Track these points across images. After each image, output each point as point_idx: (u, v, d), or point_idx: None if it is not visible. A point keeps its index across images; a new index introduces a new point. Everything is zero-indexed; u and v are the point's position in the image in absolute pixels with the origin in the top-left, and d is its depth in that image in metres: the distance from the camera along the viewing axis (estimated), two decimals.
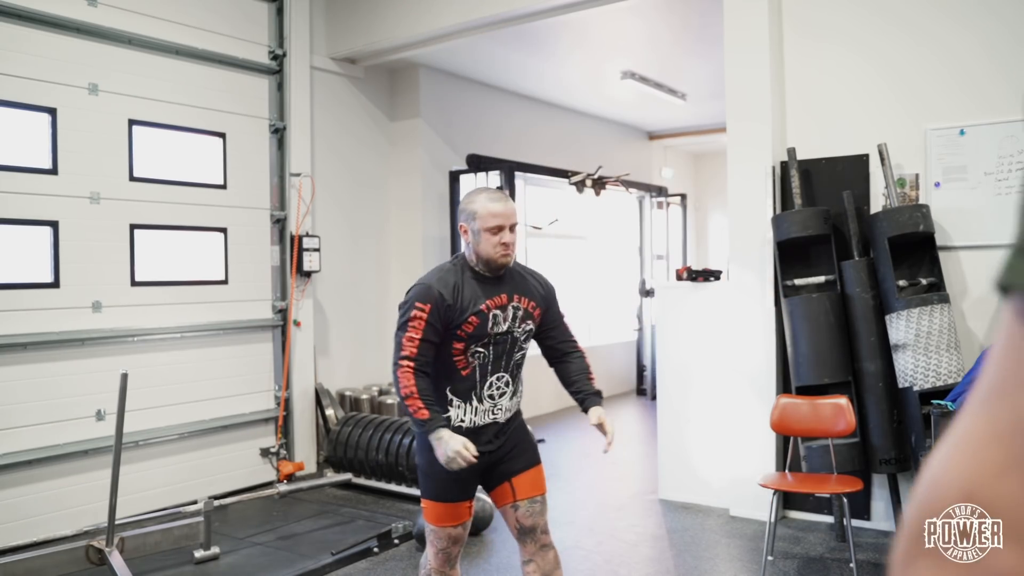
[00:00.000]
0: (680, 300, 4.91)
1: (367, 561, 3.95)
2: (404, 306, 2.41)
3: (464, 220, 2.46)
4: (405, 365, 2.34)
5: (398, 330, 2.39)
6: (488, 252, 2.42)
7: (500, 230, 2.41)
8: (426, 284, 2.40)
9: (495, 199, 2.45)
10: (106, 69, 4.60)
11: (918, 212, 3.89)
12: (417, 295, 2.38)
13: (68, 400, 4.36)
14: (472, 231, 2.44)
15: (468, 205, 2.46)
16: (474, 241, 2.44)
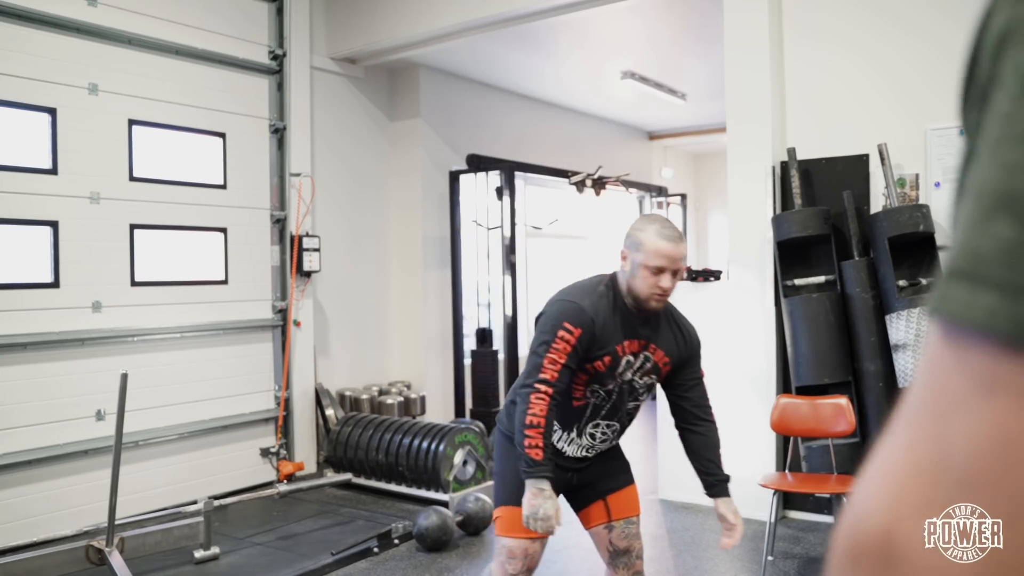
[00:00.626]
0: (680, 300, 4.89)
1: (367, 561, 3.94)
2: (548, 323, 2.16)
3: (627, 246, 2.21)
4: (542, 391, 2.09)
5: (538, 347, 2.14)
6: (641, 291, 2.17)
7: (661, 272, 2.15)
8: (579, 305, 2.16)
9: (667, 237, 2.15)
10: (106, 69, 4.60)
11: (918, 212, 3.89)
12: (568, 315, 2.14)
13: (68, 400, 4.36)
14: (632, 261, 2.19)
15: (636, 232, 2.20)
16: (630, 272, 2.19)
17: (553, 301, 2.24)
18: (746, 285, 4.46)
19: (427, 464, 4.73)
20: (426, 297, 6.63)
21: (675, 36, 6.15)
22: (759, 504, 4.17)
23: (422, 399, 6.21)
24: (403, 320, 6.69)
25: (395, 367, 6.69)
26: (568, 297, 2.21)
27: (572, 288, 2.28)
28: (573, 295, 2.22)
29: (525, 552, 2.27)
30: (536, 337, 2.19)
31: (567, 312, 2.15)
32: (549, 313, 2.20)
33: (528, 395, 2.11)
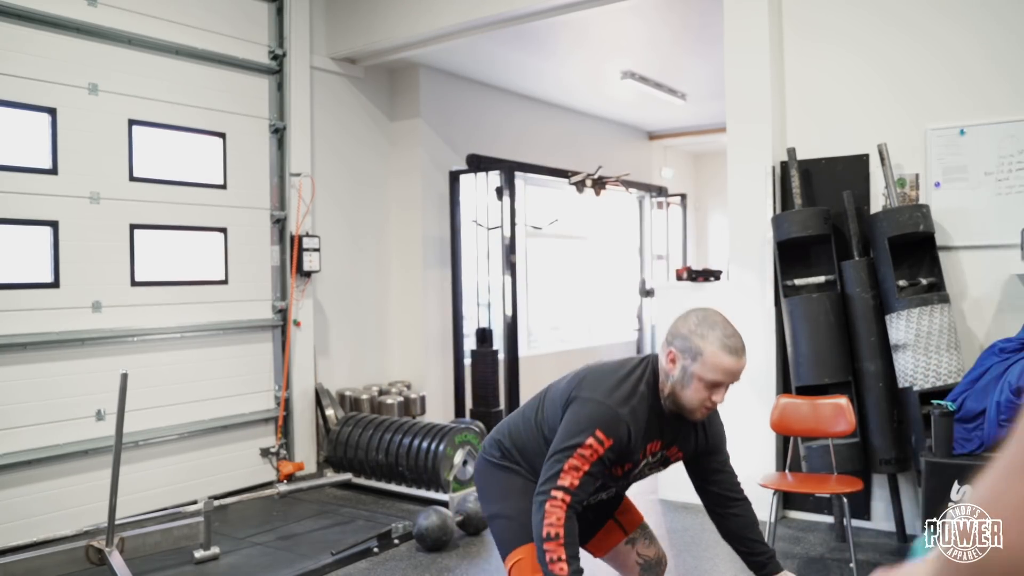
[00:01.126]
0: (680, 300, 4.90)
1: (367, 561, 3.94)
2: (578, 424, 1.91)
3: (679, 350, 1.94)
4: (559, 498, 1.85)
5: (561, 449, 1.89)
6: (689, 403, 1.96)
7: (718, 387, 1.94)
8: (617, 414, 1.91)
9: (732, 349, 1.90)
10: (106, 69, 4.59)
11: (918, 212, 3.89)
12: (603, 422, 1.90)
13: (68, 400, 4.36)
14: (683, 368, 1.94)
15: (695, 339, 1.92)
16: (678, 379, 1.95)
17: (587, 398, 1.95)
18: (746, 285, 4.46)
19: (427, 464, 4.73)
20: (426, 297, 6.63)
21: (675, 36, 6.15)
22: (759, 504, 4.16)
23: (422, 399, 6.21)
24: (403, 320, 6.69)
25: (395, 367, 6.69)
26: (606, 400, 1.93)
27: (611, 383, 1.98)
28: (611, 397, 1.94)
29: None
30: (560, 434, 1.93)
31: (602, 419, 1.90)
32: (581, 413, 1.93)
33: (543, 503, 1.87)
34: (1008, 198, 3.88)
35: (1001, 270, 3.87)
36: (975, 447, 3.26)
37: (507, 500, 2.09)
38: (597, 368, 2.08)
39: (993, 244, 3.89)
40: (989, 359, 3.50)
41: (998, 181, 3.91)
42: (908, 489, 4.09)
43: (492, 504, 2.13)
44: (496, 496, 2.12)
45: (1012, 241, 3.79)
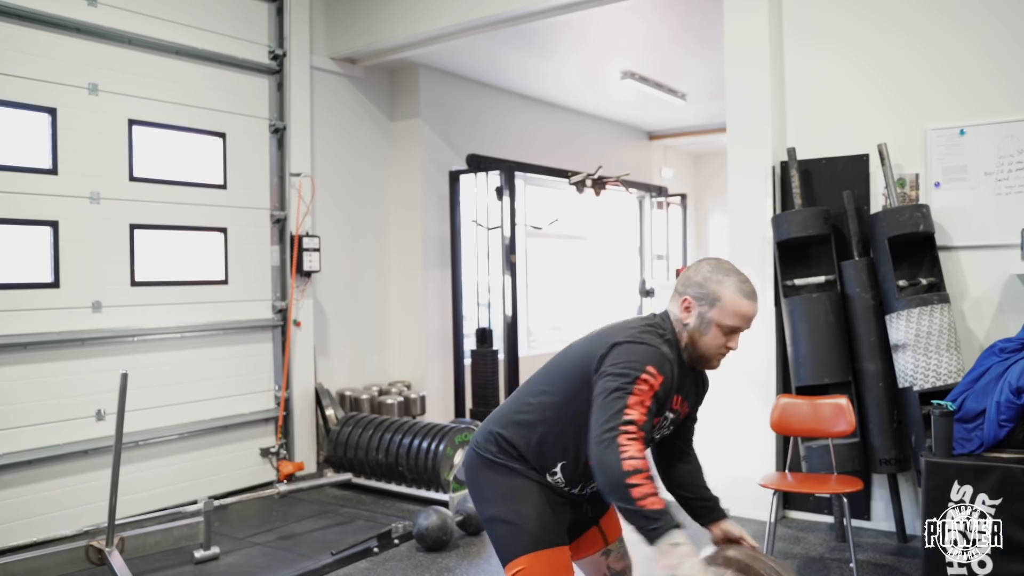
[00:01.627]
0: None
1: (367, 561, 3.95)
2: (628, 362, 1.79)
3: (695, 297, 1.92)
4: (633, 432, 1.70)
5: (619, 387, 1.75)
6: (707, 351, 1.94)
7: (734, 333, 1.94)
8: (661, 352, 1.85)
9: (748, 293, 1.92)
10: (106, 69, 4.59)
11: (918, 212, 3.89)
12: (651, 358, 1.81)
13: (68, 400, 4.36)
14: (699, 315, 1.92)
15: (712, 285, 1.91)
16: (695, 326, 1.92)
17: (630, 340, 1.85)
18: None
19: (427, 464, 4.74)
20: (426, 297, 6.63)
21: (675, 36, 6.15)
22: (759, 504, 4.17)
23: (422, 399, 6.21)
24: (403, 320, 6.69)
25: (395, 367, 6.69)
26: (647, 340, 1.86)
27: (645, 329, 1.92)
28: (646, 337, 1.87)
29: None
30: (610, 374, 1.79)
31: (651, 356, 1.82)
32: (629, 352, 1.82)
33: (613, 439, 1.69)
34: (1008, 198, 3.88)
35: (1001, 270, 3.87)
36: (975, 447, 3.26)
37: (507, 503, 1.95)
38: (621, 323, 2.01)
39: (993, 244, 3.89)
40: (989, 359, 3.50)
41: (998, 181, 3.91)
42: (908, 489, 4.09)
43: (490, 506, 1.98)
44: (494, 497, 1.98)
45: (1012, 241, 3.79)
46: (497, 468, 1.99)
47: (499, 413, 2.09)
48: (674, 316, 1.97)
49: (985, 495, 3.08)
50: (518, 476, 1.97)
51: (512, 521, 1.93)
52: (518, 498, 1.95)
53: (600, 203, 8.68)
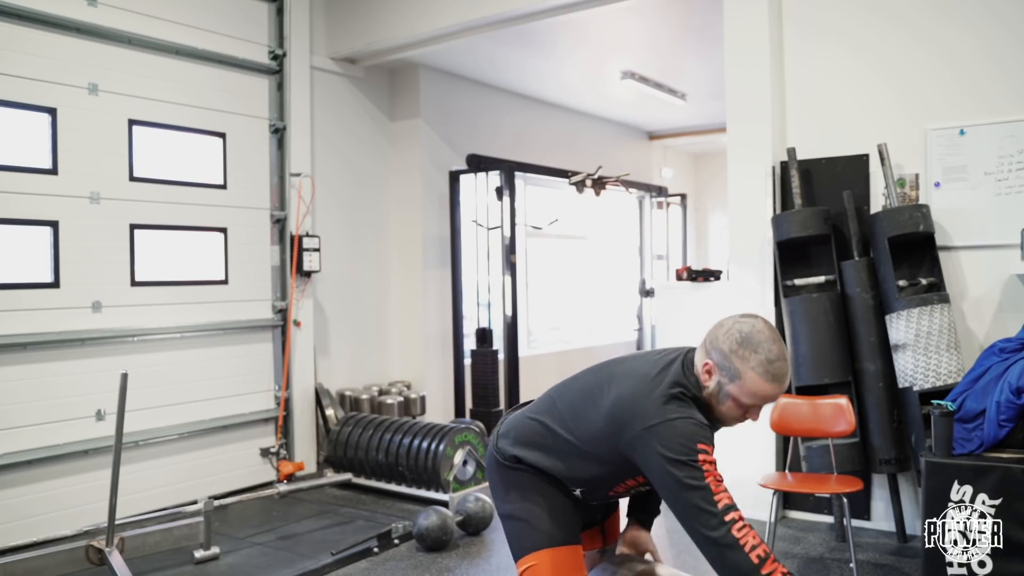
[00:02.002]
0: (680, 300, 4.91)
1: (367, 561, 3.95)
2: (681, 452, 1.70)
3: (716, 363, 1.81)
4: (736, 518, 1.66)
5: (689, 488, 1.68)
6: (723, 418, 1.87)
7: (754, 409, 1.84)
8: (699, 422, 1.77)
9: (777, 376, 1.77)
10: (106, 69, 4.59)
11: (918, 212, 3.89)
12: (699, 434, 1.74)
13: (68, 400, 4.36)
14: (719, 384, 1.81)
15: (736, 359, 1.78)
16: (713, 393, 1.82)
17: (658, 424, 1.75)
18: (746, 285, 4.46)
19: (427, 464, 4.74)
20: (426, 297, 6.63)
21: (675, 36, 6.15)
22: (759, 504, 4.17)
23: (422, 399, 6.21)
24: (403, 320, 6.69)
25: (395, 367, 6.69)
26: (681, 415, 1.76)
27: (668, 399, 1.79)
28: (682, 410, 1.77)
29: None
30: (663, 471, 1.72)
31: (695, 433, 1.74)
32: (669, 437, 1.73)
33: (728, 538, 1.64)
34: (1008, 198, 3.88)
35: (1001, 270, 3.87)
36: (975, 447, 3.26)
37: (523, 501, 1.99)
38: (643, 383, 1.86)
39: (993, 244, 3.89)
40: (989, 359, 3.50)
41: (998, 181, 3.91)
42: (908, 489, 4.09)
43: (506, 503, 2.03)
44: (511, 496, 2.02)
45: (1012, 241, 3.79)
46: (515, 470, 2.03)
47: (520, 427, 2.07)
48: (696, 369, 1.85)
49: (985, 495, 3.08)
50: (533, 476, 2.00)
51: (526, 519, 1.96)
52: (533, 497, 1.98)
53: (600, 203, 8.68)
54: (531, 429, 2.04)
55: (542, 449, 1.99)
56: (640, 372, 1.89)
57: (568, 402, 2.00)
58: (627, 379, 1.89)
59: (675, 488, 1.70)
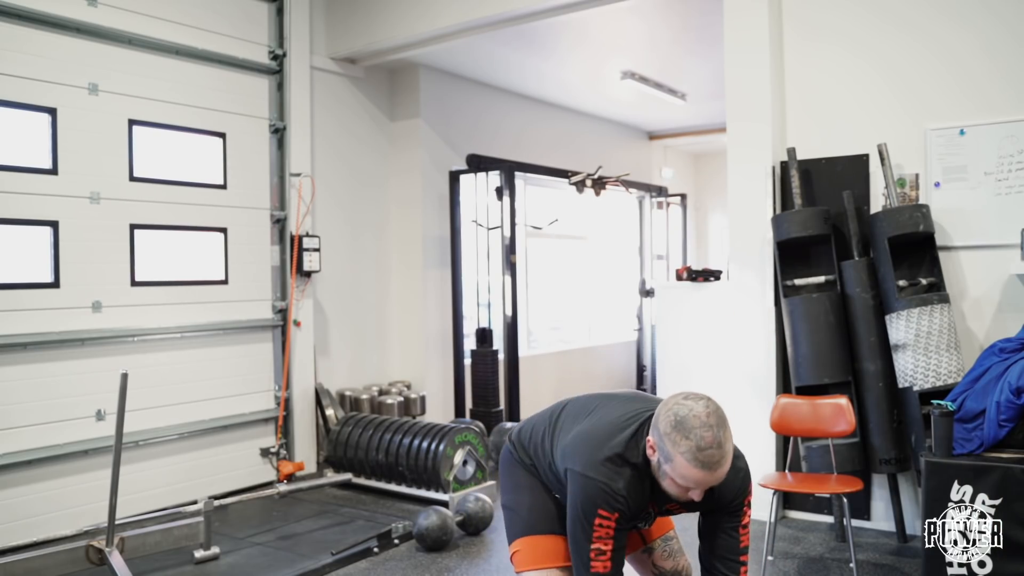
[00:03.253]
0: (680, 300, 4.91)
1: (367, 561, 3.95)
2: (580, 505, 1.92)
3: (656, 442, 1.88)
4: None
5: (575, 533, 1.93)
6: (669, 493, 1.94)
7: (695, 491, 1.89)
8: (610, 489, 1.90)
9: (706, 464, 1.80)
10: (106, 69, 4.60)
11: (918, 212, 3.89)
12: (599, 500, 1.89)
13: (68, 400, 4.36)
14: (658, 461, 1.89)
15: (668, 443, 1.83)
16: (657, 469, 1.92)
17: (580, 474, 1.93)
18: (746, 285, 4.46)
19: (427, 464, 4.74)
20: (426, 297, 6.63)
21: (675, 36, 6.15)
22: (759, 504, 4.16)
23: (422, 399, 6.21)
24: (403, 320, 6.69)
25: (395, 367, 6.69)
26: (598, 475, 1.91)
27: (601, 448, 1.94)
28: (603, 471, 1.91)
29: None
30: (570, 517, 1.95)
31: (598, 497, 1.89)
32: (579, 494, 1.93)
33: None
34: (1008, 198, 3.88)
35: (1001, 270, 3.88)
36: (975, 447, 3.26)
37: (517, 494, 2.24)
38: (594, 431, 2.01)
39: (993, 244, 3.89)
40: (989, 359, 3.50)
41: (998, 181, 3.91)
42: (908, 489, 4.09)
43: (506, 495, 2.29)
44: (509, 488, 2.28)
45: (1012, 241, 3.79)
46: (519, 465, 2.29)
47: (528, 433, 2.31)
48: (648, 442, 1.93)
49: (985, 495, 3.08)
50: (532, 475, 2.25)
51: (515, 509, 2.24)
52: (527, 492, 2.22)
53: (600, 203, 8.67)
54: (530, 435, 2.28)
55: (533, 451, 2.25)
56: (607, 421, 2.04)
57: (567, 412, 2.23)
58: (599, 419, 2.07)
59: (572, 527, 1.96)
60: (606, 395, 2.21)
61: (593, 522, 1.89)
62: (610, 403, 2.13)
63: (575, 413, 2.17)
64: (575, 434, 2.06)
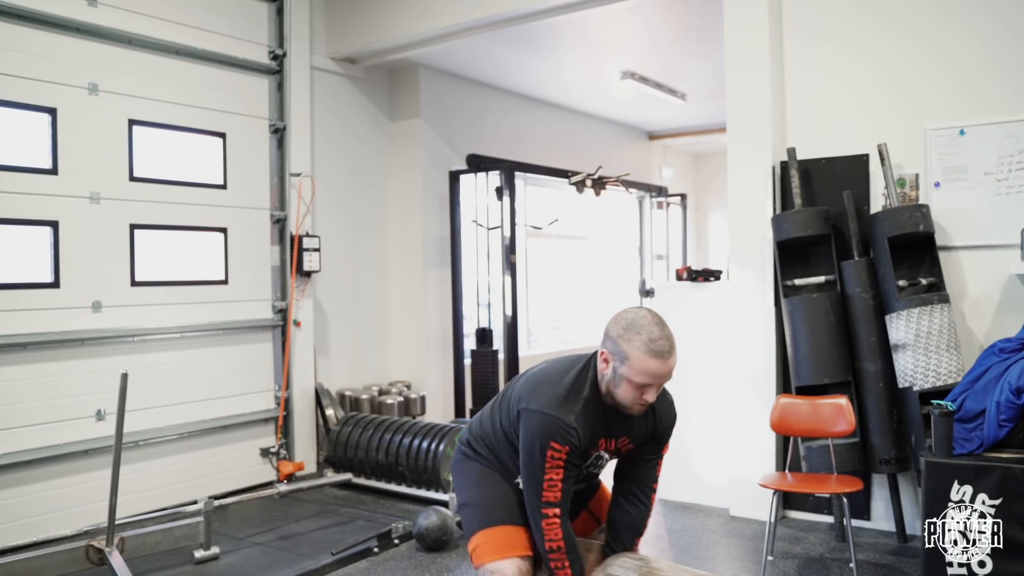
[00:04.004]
0: (680, 300, 4.91)
1: (367, 561, 3.95)
2: (534, 440, 2.03)
3: (610, 351, 2.03)
4: (551, 515, 2.03)
5: (530, 469, 2.04)
6: (623, 401, 2.05)
7: (648, 387, 2.02)
8: (563, 422, 2.01)
9: (657, 353, 1.98)
10: (106, 69, 4.60)
11: (918, 212, 3.89)
12: (553, 432, 2.01)
13: (68, 400, 4.36)
14: (614, 370, 2.02)
15: (622, 342, 2.00)
16: (612, 379, 2.04)
17: (534, 410, 2.05)
18: (746, 285, 4.46)
19: (427, 464, 4.74)
20: (426, 297, 6.63)
21: (675, 36, 6.15)
22: (759, 504, 4.18)
23: (422, 399, 6.21)
24: (403, 320, 6.69)
25: (395, 367, 6.69)
26: (552, 411, 2.03)
27: (556, 392, 2.06)
28: (557, 407, 2.03)
29: (518, 570, 2.11)
30: (522, 453, 2.07)
31: (551, 430, 2.01)
32: (531, 428, 2.04)
33: (539, 522, 2.05)
34: (1008, 198, 3.88)
35: (1001, 270, 3.88)
36: (975, 447, 3.26)
37: (474, 489, 2.24)
38: (544, 374, 2.16)
39: (993, 244, 3.89)
40: (989, 359, 3.50)
41: (998, 181, 3.91)
42: (908, 489, 4.09)
43: (462, 494, 2.29)
44: (465, 486, 2.27)
45: (1012, 241, 3.79)
46: (472, 459, 2.30)
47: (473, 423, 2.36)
48: (599, 367, 2.08)
49: (985, 495, 3.08)
50: (485, 466, 2.26)
51: (473, 504, 2.23)
52: (480, 485, 2.23)
53: (600, 203, 8.68)
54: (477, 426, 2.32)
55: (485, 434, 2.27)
56: (556, 367, 2.17)
57: (495, 400, 2.30)
58: (547, 367, 2.19)
59: (526, 462, 2.05)
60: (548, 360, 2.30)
61: (546, 454, 2.00)
62: (554, 360, 2.25)
63: (521, 382, 2.23)
64: (525, 380, 2.18)
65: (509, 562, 2.11)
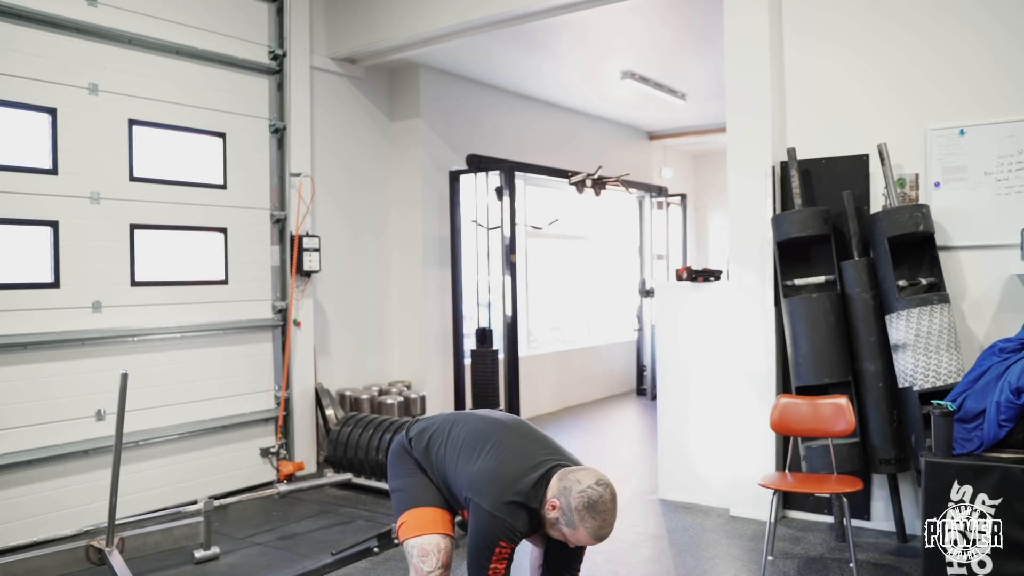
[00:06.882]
0: (680, 300, 4.91)
1: (367, 561, 3.95)
2: (483, 535, 2.26)
3: (562, 508, 2.23)
4: None
5: (476, 556, 2.27)
6: (555, 538, 2.35)
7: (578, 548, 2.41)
8: (512, 526, 2.25)
9: (601, 538, 2.25)
10: (106, 69, 4.60)
11: (918, 212, 3.89)
12: (501, 534, 2.24)
13: (68, 400, 4.36)
14: (558, 520, 2.26)
15: (576, 516, 2.20)
16: (551, 522, 2.28)
17: (485, 509, 2.25)
18: (746, 285, 4.46)
19: None
20: (426, 297, 6.63)
21: (675, 36, 6.15)
22: (759, 504, 4.18)
23: (422, 399, 6.21)
24: (403, 320, 6.69)
25: (395, 367, 6.69)
26: (500, 512, 2.24)
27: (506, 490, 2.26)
28: (505, 510, 2.24)
29: (437, 547, 2.38)
30: (472, 540, 2.28)
31: (501, 532, 2.24)
32: (482, 527, 2.26)
33: None
34: (1008, 198, 3.88)
35: (1001, 270, 3.88)
36: (975, 447, 3.26)
37: (406, 477, 2.51)
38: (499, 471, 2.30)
39: (993, 244, 3.89)
40: (989, 359, 3.50)
41: (998, 181, 3.91)
42: (908, 489, 4.09)
43: (395, 480, 2.56)
44: (399, 474, 2.54)
45: (1012, 241, 3.79)
46: (408, 457, 2.56)
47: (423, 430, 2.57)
48: (549, 491, 2.26)
49: (985, 495, 3.08)
50: (417, 467, 2.52)
51: (403, 490, 2.50)
52: (412, 475, 2.51)
53: (600, 203, 8.68)
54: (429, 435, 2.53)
55: (425, 457, 2.50)
56: (512, 465, 2.32)
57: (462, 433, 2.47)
58: (504, 460, 2.33)
59: (474, 551, 2.27)
60: (500, 424, 2.47)
61: (494, 550, 2.24)
62: (508, 438, 2.40)
63: (472, 438, 2.42)
64: (481, 470, 2.33)
65: (428, 538, 2.37)
